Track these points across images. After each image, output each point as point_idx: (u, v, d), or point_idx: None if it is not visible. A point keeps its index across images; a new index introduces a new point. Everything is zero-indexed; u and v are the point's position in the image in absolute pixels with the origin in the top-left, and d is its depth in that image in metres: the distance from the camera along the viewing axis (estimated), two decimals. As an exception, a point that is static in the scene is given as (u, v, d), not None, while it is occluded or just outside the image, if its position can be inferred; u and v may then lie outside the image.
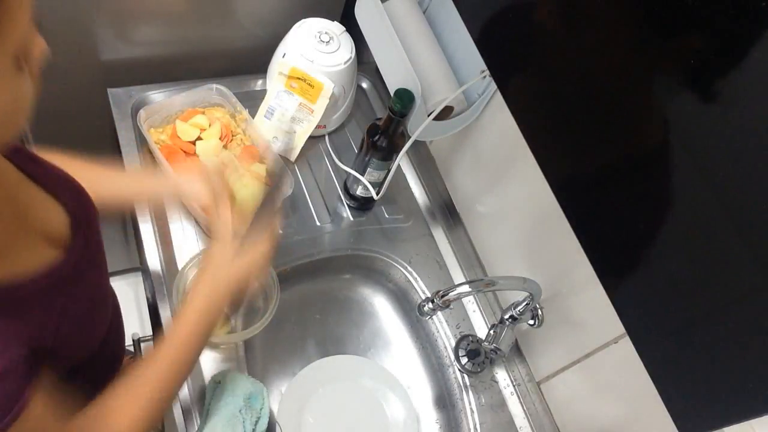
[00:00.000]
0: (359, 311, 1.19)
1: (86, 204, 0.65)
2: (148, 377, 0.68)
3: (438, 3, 1.16)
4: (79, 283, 0.61)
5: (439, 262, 1.21)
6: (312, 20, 1.19)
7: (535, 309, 0.99)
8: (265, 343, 1.09)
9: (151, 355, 0.69)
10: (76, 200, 0.64)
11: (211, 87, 1.16)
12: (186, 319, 0.70)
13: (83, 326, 0.63)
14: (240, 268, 0.74)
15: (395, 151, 1.09)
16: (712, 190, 0.61)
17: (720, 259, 0.61)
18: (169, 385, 0.69)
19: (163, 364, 0.68)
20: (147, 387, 0.67)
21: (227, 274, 0.73)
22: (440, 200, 1.28)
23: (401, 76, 1.05)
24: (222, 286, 0.73)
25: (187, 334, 0.70)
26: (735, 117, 0.58)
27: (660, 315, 0.68)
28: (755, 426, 0.65)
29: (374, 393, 1.06)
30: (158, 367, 0.68)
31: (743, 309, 0.60)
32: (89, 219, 0.64)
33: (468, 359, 1.10)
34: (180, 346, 0.70)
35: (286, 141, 1.19)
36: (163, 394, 0.69)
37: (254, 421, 0.90)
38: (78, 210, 0.63)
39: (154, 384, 0.67)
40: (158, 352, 0.69)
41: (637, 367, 0.71)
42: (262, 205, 0.79)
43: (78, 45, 1.13)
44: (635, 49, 0.69)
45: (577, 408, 1.03)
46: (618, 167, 0.72)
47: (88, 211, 0.65)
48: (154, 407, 0.67)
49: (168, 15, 1.15)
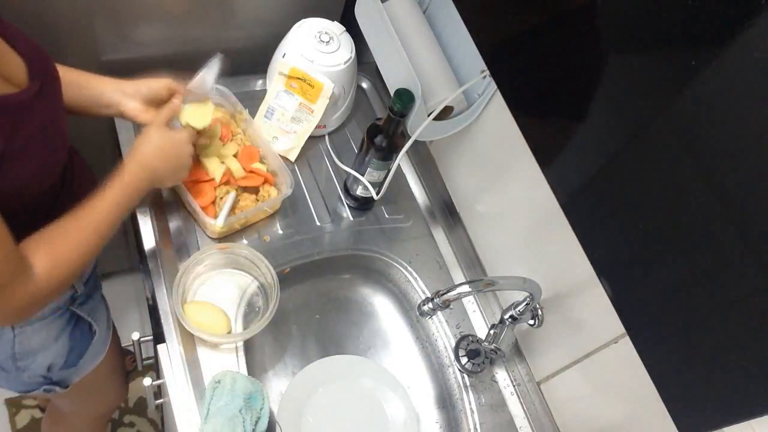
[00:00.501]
0: (359, 311, 1.20)
1: (45, 59, 0.76)
2: (81, 224, 0.78)
3: (438, 3, 1.16)
4: (31, 115, 0.71)
5: (439, 262, 1.21)
6: (312, 20, 1.19)
7: (535, 309, 0.99)
8: (265, 343, 1.09)
9: (87, 205, 0.79)
10: (35, 55, 0.75)
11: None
12: (118, 182, 0.81)
13: (35, 151, 0.71)
14: (165, 139, 0.88)
15: (395, 151, 1.09)
16: (712, 191, 0.61)
17: (720, 259, 0.61)
18: (91, 238, 0.79)
19: (92, 217, 0.79)
20: (73, 234, 0.77)
21: (153, 144, 0.87)
22: (440, 200, 1.28)
23: (401, 76, 1.05)
24: (150, 153, 0.86)
25: (116, 197, 0.81)
26: (735, 117, 0.58)
27: (660, 315, 0.68)
28: (755, 426, 0.65)
29: (374, 393, 1.06)
30: (90, 218, 0.79)
31: (743, 309, 0.60)
32: (46, 70, 0.76)
33: (468, 359, 1.10)
34: (108, 207, 0.80)
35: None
36: (88, 244, 0.79)
37: (254, 421, 0.90)
38: (35, 62, 0.74)
39: (82, 232, 0.78)
40: (91, 205, 0.79)
41: (637, 367, 0.72)
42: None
43: (78, 45, 1.13)
44: (635, 48, 0.69)
45: (577, 408, 1.03)
46: (618, 167, 0.72)
47: (45, 64, 0.76)
48: (75, 256, 0.77)
49: (168, 15, 1.15)
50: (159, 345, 0.98)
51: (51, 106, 0.77)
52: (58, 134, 0.78)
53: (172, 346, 0.97)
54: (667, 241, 0.66)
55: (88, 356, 1.05)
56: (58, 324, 0.96)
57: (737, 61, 0.56)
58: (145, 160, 0.87)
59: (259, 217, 1.12)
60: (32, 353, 0.95)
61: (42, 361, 0.97)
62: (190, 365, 0.96)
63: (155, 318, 1.02)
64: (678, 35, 0.63)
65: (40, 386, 1.01)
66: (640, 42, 0.68)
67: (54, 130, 0.76)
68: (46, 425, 1.40)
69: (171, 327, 0.98)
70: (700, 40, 0.60)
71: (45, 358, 0.97)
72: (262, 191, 1.12)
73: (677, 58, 0.63)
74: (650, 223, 0.68)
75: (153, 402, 1.06)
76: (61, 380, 1.03)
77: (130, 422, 1.73)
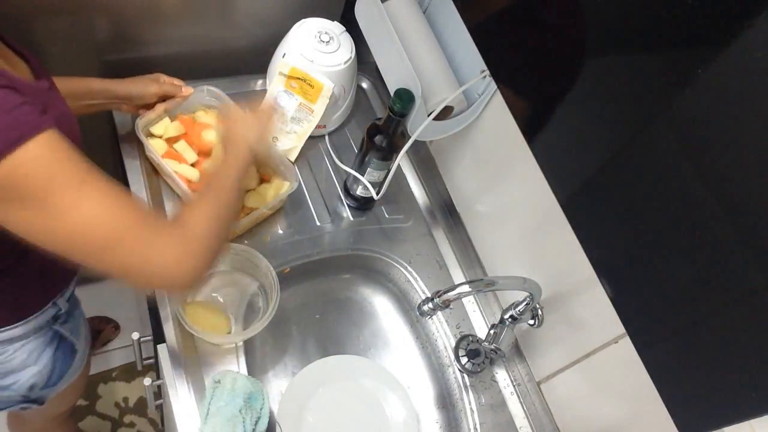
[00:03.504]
0: (359, 311, 1.19)
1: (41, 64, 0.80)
2: (212, 197, 0.79)
3: (438, 3, 1.16)
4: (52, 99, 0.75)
5: (439, 262, 1.21)
6: (312, 20, 1.19)
7: (535, 309, 0.99)
8: (265, 343, 1.09)
9: (208, 184, 0.82)
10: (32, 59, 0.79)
11: (202, 89, 1.15)
12: (225, 170, 0.84)
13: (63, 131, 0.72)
14: (249, 125, 0.91)
15: (395, 151, 1.09)
16: (712, 191, 0.61)
17: (720, 259, 0.61)
18: (225, 211, 0.79)
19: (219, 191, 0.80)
20: (211, 203, 0.77)
21: (242, 133, 0.89)
22: (440, 200, 1.28)
23: (401, 76, 1.05)
24: (240, 143, 0.88)
25: (228, 178, 0.83)
26: (735, 117, 0.58)
27: (660, 315, 0.68)
28: (755, 426, 0.65)
29: (374, 393, 1.06)
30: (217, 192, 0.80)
31: (743, 309, 0.60)
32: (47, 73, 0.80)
33: (468, 359, 1.10)
34: (224, 188, 0.81)
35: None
36: (225, 210, 0.79)
37: (254, 421, 0.90)
38: (36, 65, 0.78)
39: (216, 201, 0.78)
40: (212, 182, 0.82)
41: (637, 367, 0.72)
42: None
43: (78, 45, 1.13)
44: (635, 48, 0.69)
45: (577, 408, 1.03)
46: (618, 167, 0.72)
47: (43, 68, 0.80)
48: (221, 210, 0.78)
49: (168, 15, 1.15)
50: (159, 345, 0.98)
51: (63, 102, 0.79)
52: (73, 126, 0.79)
53: (172, 346, 0.97)
54: (667, 241, 0.66)
55: (68, 375, 1.04)
56: (40, 343, 0.95)
57: (738, 60, 0.56)
58: (232, 131, 0.91)
59: (265, 215, 1.13)
60: (13, 372, 0.94)
61: (24, 381, 0.96)
62: (190, 365, 0.96)
63: (155, 318, 1.02)
64: (678, 35, 0.63)
65: (18, 404, 1.01)
66: (641, 42, 0.68)
67: (69, 124, 0.78)
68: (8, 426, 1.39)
69: (171, 327, 0.98)
70: (701, 39, 0.60)
71: (27, 378, 0.96)
72: (268, 189, 1.12)
73: (678, 57, 0.63)
74: (650, 223, 0.68)
75: (153, 402, 1.06)
76: (39, 398, 1.02)
77: (130, 422, 1.73)
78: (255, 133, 0.91)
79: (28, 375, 0.96)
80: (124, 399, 1.75)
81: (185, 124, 1.13)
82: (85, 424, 1.69)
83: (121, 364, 1.80)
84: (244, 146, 0.87)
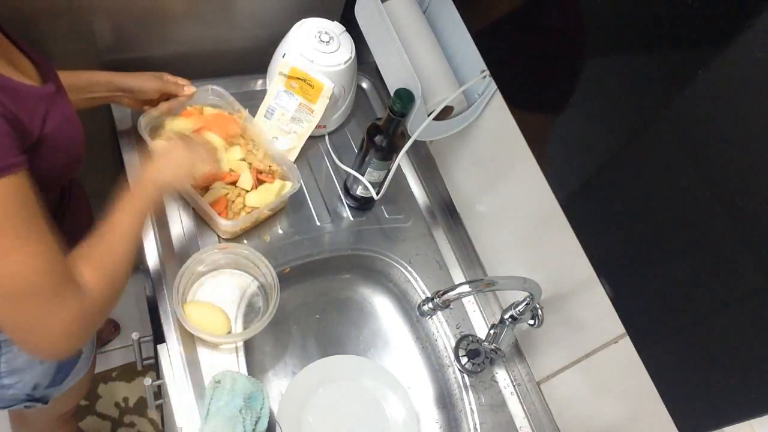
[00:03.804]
0: (359, 311, 1.20)
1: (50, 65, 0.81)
2: (109, 240, 0.79)
3: (438, 3, 1.16)
4: (56, 108, 0.75)
5: (439, 262, 1.21)
6: (312, 20, 1.19)
7: (535, 309, 0.99)
8: (265, 343, 1.09)
9: (107, 220, 0.80)
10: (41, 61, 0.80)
11: (206, 88, 1.15)
12: (128, 194, 0.84)
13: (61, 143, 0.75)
14: (169, 164, 0.90)
15: (395, 151, 1.09)
16: (712, 191, 0.61)
17: (720, 259, 0.61)
18: (124, 248, 0.80)
19: (118, 228, 0.80)
20: (108, 247, 0.78)
21: (151, 176, 0.88)
22: (440, 200, 1.28)
23: (401, 76, 1.05)
24: (148, 185, 0.87)
25: (131, 205, 0.83)
26: (735, 117, 0.58)
27: (660, 315, 0.68)
28: (755, 426, 0.65)
29: (374, 393, 1.06)
30: (116, 233, 0.80)
31: (743, 309, 0.60)
32: (54, 75, 0.81)
33: (468, 359, 1.10)
34: (128, 217, 0.82)
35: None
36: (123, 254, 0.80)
37: (254, 421, 0.90)
38: (42, 67, 0.79)
39: (113, 246, 0.79)
40: (112, 219, 0.81)
41: (637, 367, 0.72)
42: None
43: (78, 45, 1.13)
44: (636, 48, 0.69)
45: (577, 408, 1.03)
46: (618, 167, 0.72)
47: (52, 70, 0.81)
48: (117, 266, 0.78)
49: (168, 15, 1.15)
50: (159, 345, 0.98)
51: (68, 105, 0.80)
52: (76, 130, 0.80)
53: (172, 346, 0.97)
54: (667, 241, 0.66)
55: (73, 375, 1.04)
56: None
57: (738, 60, 0.56)
58: (146, 172, 0.90)
59: (265, 215, 1.13)
60: (18, 372, 0.94)
61: (29, 380, 0.96)
62: (190, 365, 0.96)
63: (155, 318, 1.02)
64: (679, 34, 0.63)
65: (22, 403, 1.01)
66: (641, 42, 0.68)
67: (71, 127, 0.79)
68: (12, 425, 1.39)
69: (171, 327, 0.98)
70: (701, 40, 0.60)
71: (32, 377, 0.96)
72: (271, 190, 1.12)
73: (678, 57, 0.63)
74: (650, 223, 0.68)
75: (153, 402, 1.06)
76: (43, 397, 1.03)
77: (131, 422, 1.73)
78: (171, 173, 0.90)
79: (32, 374, 0.96)
80: (124, 399, 1.75)
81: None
82: (85, 424, 1.69)
83: (121, 364, 1.80)
84: (151, 188, 0.87)
